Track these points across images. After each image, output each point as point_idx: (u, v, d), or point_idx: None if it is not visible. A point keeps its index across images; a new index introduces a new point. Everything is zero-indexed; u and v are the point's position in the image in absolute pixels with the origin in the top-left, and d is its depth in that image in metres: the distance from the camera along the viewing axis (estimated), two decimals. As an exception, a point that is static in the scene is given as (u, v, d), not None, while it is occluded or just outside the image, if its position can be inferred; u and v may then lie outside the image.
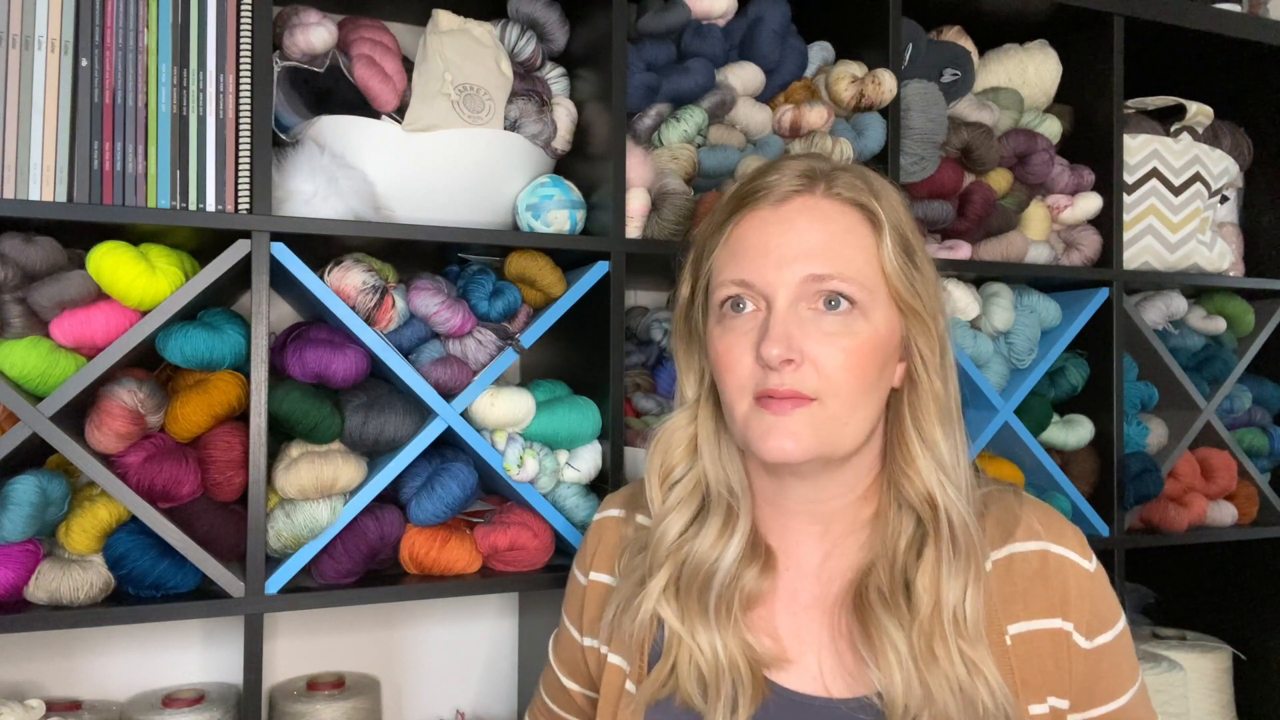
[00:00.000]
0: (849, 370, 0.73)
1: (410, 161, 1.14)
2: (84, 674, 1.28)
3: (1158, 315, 1.59)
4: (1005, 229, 1.45)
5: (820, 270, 0.74)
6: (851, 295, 0.74)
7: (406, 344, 1.16)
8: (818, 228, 0.75)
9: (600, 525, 0.93)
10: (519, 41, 1.27)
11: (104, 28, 1.00)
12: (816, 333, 0.74)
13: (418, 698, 1.44)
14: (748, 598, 0.79)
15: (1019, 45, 1.54)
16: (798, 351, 0.73)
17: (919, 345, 0.77)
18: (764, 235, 0.76)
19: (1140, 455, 1.51)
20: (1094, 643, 0.77)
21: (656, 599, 0.79)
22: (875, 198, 0.77)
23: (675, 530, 0.81)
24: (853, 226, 0.76)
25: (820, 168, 0.78)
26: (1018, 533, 0.80)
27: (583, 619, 0.90)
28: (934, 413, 0.78)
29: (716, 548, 0.79)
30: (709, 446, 0.82)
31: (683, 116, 1.26)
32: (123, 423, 1.03)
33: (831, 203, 0.77)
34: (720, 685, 0.76)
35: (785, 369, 0.73)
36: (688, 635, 0.77)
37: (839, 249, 0.75)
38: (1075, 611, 0.77)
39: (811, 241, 0.75)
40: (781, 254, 0.75)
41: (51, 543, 1.06)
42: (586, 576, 0.91)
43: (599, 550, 0.91)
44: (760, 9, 1.33)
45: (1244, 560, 1.74)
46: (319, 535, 1.09)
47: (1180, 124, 1.61)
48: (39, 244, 1.01)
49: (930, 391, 0.78)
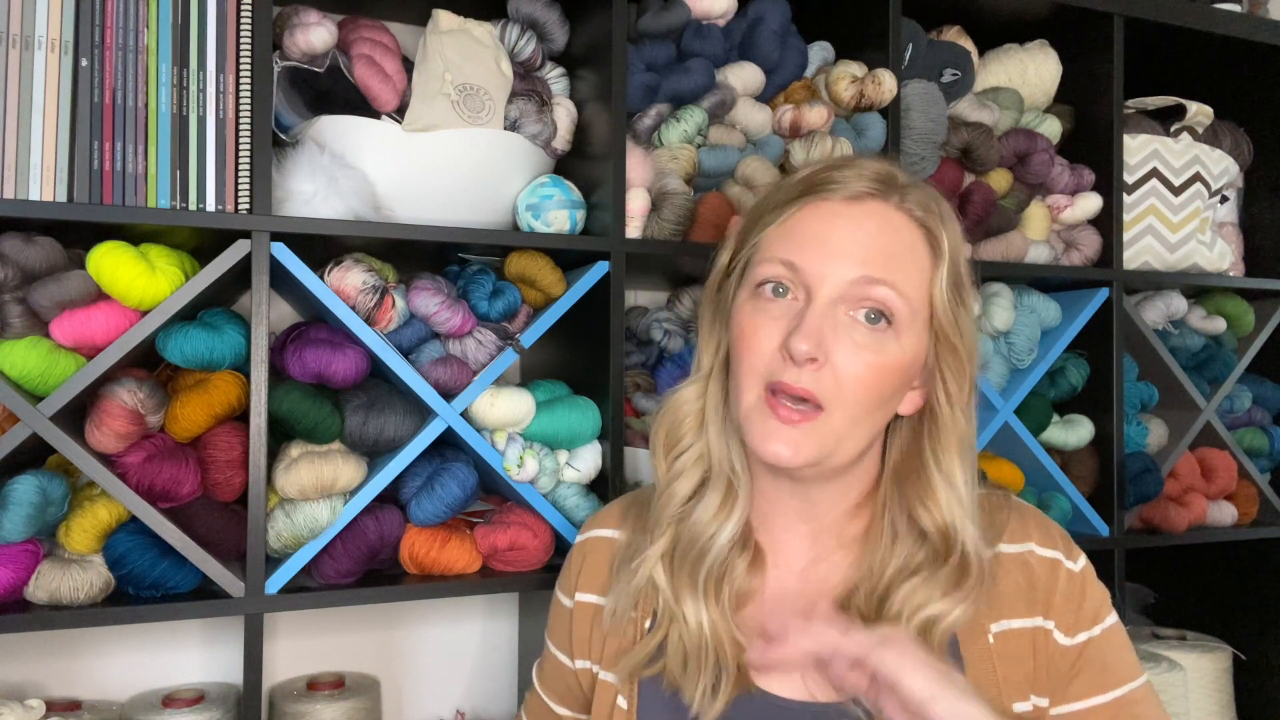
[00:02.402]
0: (865, 386, 0.73)
1: (410, 161, 1.14)
2: (84, 674, 1.28)
3: (1158, 315, 1.59)
4: (1005, 229, 1.45)
5: (876, 274, 0.73)
6: (894, 310, 0.73)
7: (406, 344, 1.16)
8: (884, 235, 0.75)
9: (586, 545, 0.91)
10: (519, 41, 1.27)
11: (104, 28, 1.00)
12: (848, 340, 0.73)
13: (418, 698, 1.44)
14: (738, 594, 0.79)
15: (1019, 45, 1.54)
16: (824, 352, 0.72)
17: (947, 379, 0.77)
18: (829, 225, 0.75)
19: (1140, 455, 1.51)
20: (1075, 639, 0.78)
21: (654, 563, 0.80)
22: (942, 223, 0.77)
23: (681, 494, 0.81)
24: (915, 244, 0.76)
25: (898, 177, 0.78)
26: (1006, 535, 0.80)
27: (572, 642, 0.88)
28: (954, 447, 0.77)
29: (714, 523, 0.79)
30: (715, 422, 0.81)
31: (683, 116, 1.26)
32: (123, 423, 1.03)
33: (902, 215, 0.76)
34: (703, 662, 0.76)
35: (808, 366, 0.72)
36: (676, 607, 0.78)
37: (898, 261, 0.74)
38: (1057, 610, 0.78)
39: (874, 246, 0.74)
40: (841, 248, 0.74)
41: (51, 543, 1.06)
42: (572, 598, 0.89)
43: (584, 570, 0.89)
44: (760, 9, 1.33)
45: (1244, 560, 1.74)
46: (319, 535, 1.09)
47: (1180, 124, 1.61)
48: (39, 244, 1.01)
49: (953, 426, 0.78)
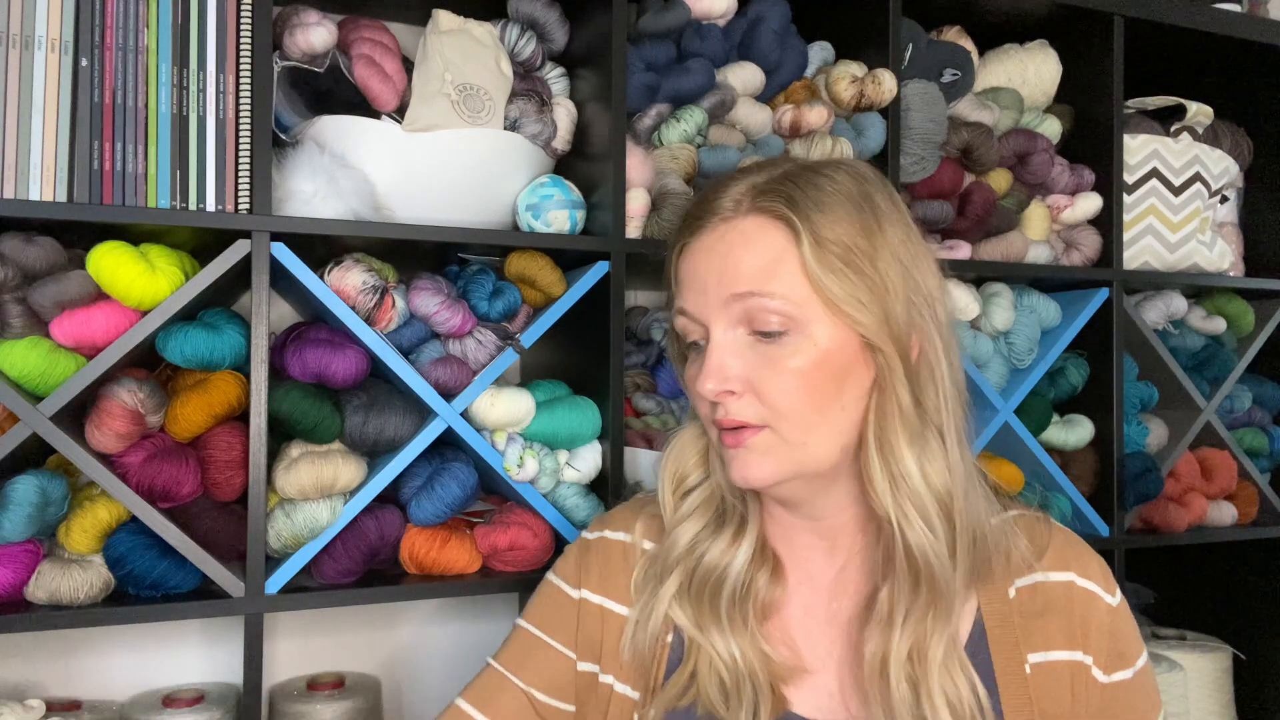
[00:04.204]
0: (795, 394, 0.71)
1: (410, 161, 1.14)
2: (84, 674, 1.28)
3: (1158, 315, 1.59)
4: (1005, 229, 1.45)
5: (740, 291, 0.71)
6: (774, 316, 0.70)
7: (406, 344, 1.16)
8: (740, 249, 0.72)
9: (596, 545, 0.87)
10: (519, 41, 1.27)
11: (104, 28, 1.00)
12: (756, 359, 0.72)
13: (418, 698, 1.44)
14: (762, 606, 0.78)
15: (1019, 45, 1.54)
16: (736, 381, 0.72)
17: (876, 347, 0.72)
18: (698, 263, 0.75)
19: (1140, 455, 1.51)
20: (1111, 678, 0.76)
21: (669, 603, 0.78)
22: (794, 206, 0.71)
23: (687, 537, 0.80)
24: (773, 240, 0.71)
25: (750, 184, 0.74)
26: (1045, 560, 0.78)
27: (578, 638, 0.84)
28: (898, 424, 0.72)
29: (727, 555, 0.78)
30: (716, 458, 0.80)
31: (683, 116, 1.26)
32: (123, 423, 1.03)
33: (753, 220, 0.72)
34: (742, 693, 0.74)
35: (727, 400, 0.72)
36: (703, 639, 0.76)
37: (758, 269, 0.71)
38: (1095, 645, 0.76)
39: (732, 266, 0.72)
40: (709, 281, 0.73)
41: (51, 543, 1.06)
42: (579, 590, 0.85)
43: (594, 568, 0.85)
44: (760, 9, 1.33)
45: (1244, 560, 1.74)
46: (319, 535, 1.09)
47: (1180, 124, 1.61)
48: (39, 244, 1.01)
49: (895, 401, 0.72)
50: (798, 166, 0.75)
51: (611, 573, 0.85)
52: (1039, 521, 0.81)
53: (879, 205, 0.73)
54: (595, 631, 0.83)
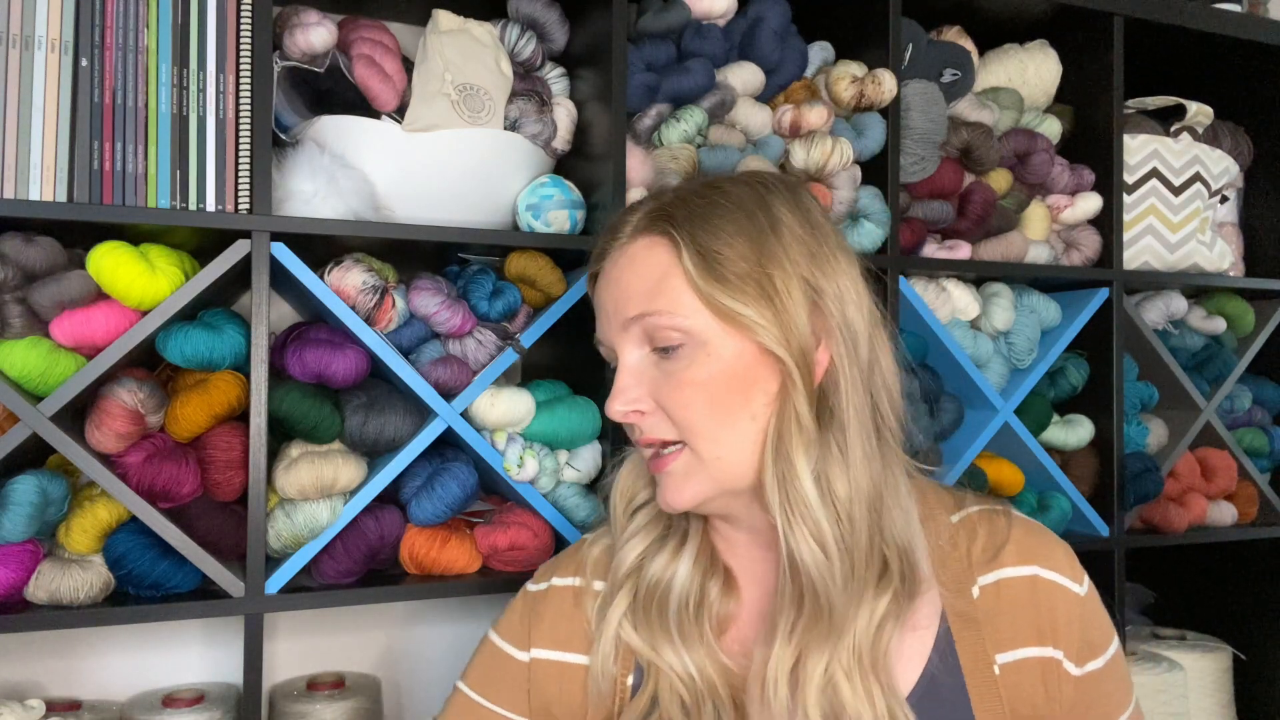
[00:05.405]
0: (697, 406, 0.71)
1: (410, 161, 1.14)
2: (84, 674, 1.28)
3: (1158, 315, 1.59)
4: (1005, 229, 1.45)
5: (631, 313, 0.73)
6: (667, 331, 0.71)
7: (406, 344, 1.16)
8: (629, 272, 0.74)
9: (542, 596, 0.84)
10: (519, 41, 1.27)
11: (104, 28, 1.00)
12: (661, 377, 0.73)
13: (418, 698, 1.44)
14: (718, 619, 0.78)
15: (1019, 45, 1.54)
16: (643, 400, 0.74)
17: (782, 361, 0.70)
18: (601, 291, 0.78)
19: (1140, 455, 1.51)
20: (1084, 669, 0.75)
21: (618, 623, 0.78)
22: (675, 223, 0.72)
23: (634, 554, 0.80)
24: (657, 258, 0.73)
25: (647, 208, 0.76)
26: (1006, 555, 0.76)
27: (531, 704, 0.81)
28: (794, 433, 0.70)
29: (670, 567, 0.79)
30: None
31: (683, 116, 1.26)
32: (123, 423, 1.03)
33: (641, 242, 0.74)
34: (703, 710, 0.74)
35: (639, 420, 0.74)
36: (658, 658, 0.75)
37: (645, 289, 0.73)
38: (1064, 638, 0.74)
39: (624, 290, 0.74)
40: (608, 308, 0.76)
41: (51, 543, 1.06)
42: (527, 652, 0.82)
43: (543, 623, 0.83)
44: (760, 9, 1.33)
45: (1244, 560, 1.74)
46: (319, 535, 1.09)
47: (1180, 124, 1.61)
48: (39, 244, 1.01)
49: (793, 409, 0.70)
50: (699, 184, 0.76)
51: (564, 622, 0.82)
52: (998, 515, 0.79)
53: (777, 212, 0.72)
54: (553, 690, 0.81)
